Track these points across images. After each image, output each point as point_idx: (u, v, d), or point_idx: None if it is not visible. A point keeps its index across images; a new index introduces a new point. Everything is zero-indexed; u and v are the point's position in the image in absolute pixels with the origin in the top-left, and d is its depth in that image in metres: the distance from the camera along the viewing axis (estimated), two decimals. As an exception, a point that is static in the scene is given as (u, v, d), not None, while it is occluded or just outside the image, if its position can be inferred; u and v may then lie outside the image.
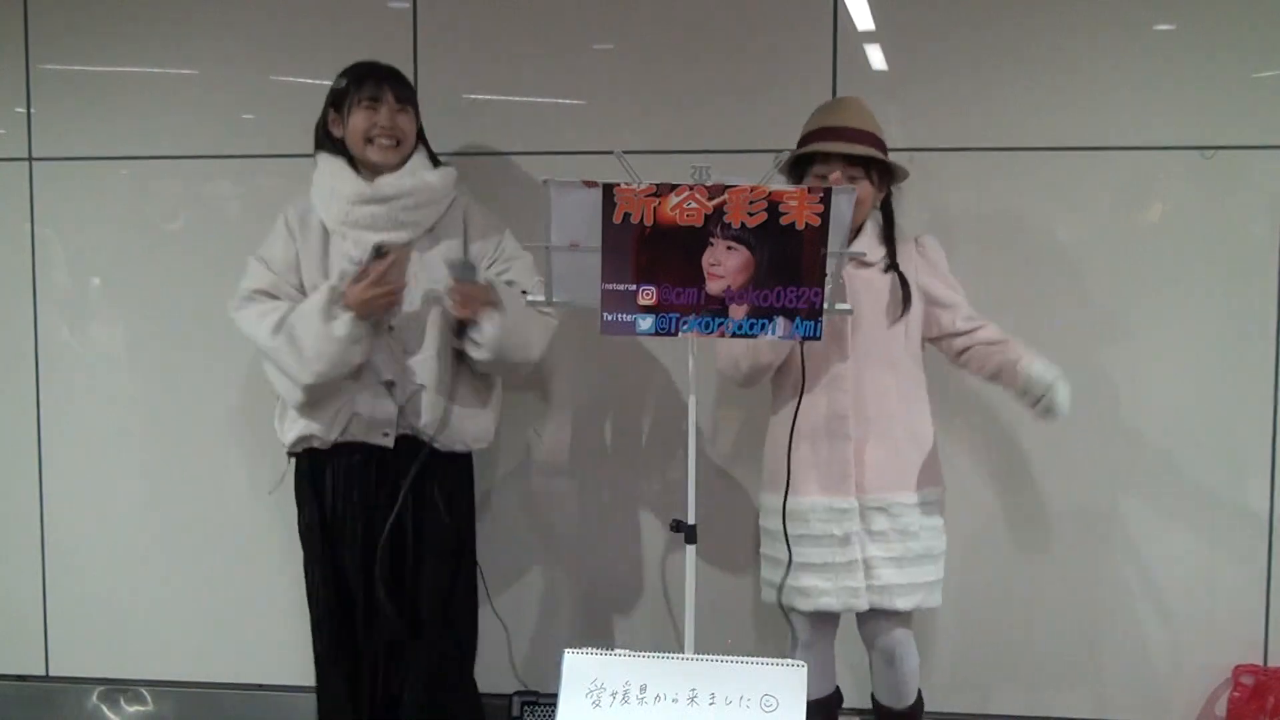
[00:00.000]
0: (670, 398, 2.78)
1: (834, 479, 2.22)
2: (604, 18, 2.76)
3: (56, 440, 2.98)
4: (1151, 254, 2.64)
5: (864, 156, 2.20)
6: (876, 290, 2.25)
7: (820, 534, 2.21)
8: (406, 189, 2.31)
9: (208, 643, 2.96)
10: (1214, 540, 2.67)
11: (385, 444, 2.35)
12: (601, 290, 1.92)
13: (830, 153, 2.20)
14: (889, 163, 2.25)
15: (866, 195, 2.22)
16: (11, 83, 2.91)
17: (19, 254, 2.95)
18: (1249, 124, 2.59)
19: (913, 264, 2.28)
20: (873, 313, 2.24)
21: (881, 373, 2.24)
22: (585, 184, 1.92)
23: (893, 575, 2.21)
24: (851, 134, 2.21)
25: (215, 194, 2.88)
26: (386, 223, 2.30)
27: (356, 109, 2.32)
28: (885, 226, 2.31)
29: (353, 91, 2.33)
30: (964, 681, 2.75)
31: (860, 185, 2.19)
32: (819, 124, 2.26)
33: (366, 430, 2.34)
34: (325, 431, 2.34)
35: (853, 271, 2.23)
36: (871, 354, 2.24)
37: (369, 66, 2.37)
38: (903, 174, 2.28)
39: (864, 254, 2.22)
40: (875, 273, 2.26)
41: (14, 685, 3.03)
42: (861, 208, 2.22)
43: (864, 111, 2.27)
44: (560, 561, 2.86)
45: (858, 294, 2.22)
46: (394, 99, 2.33)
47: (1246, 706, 2.60)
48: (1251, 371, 2.63)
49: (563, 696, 1.77)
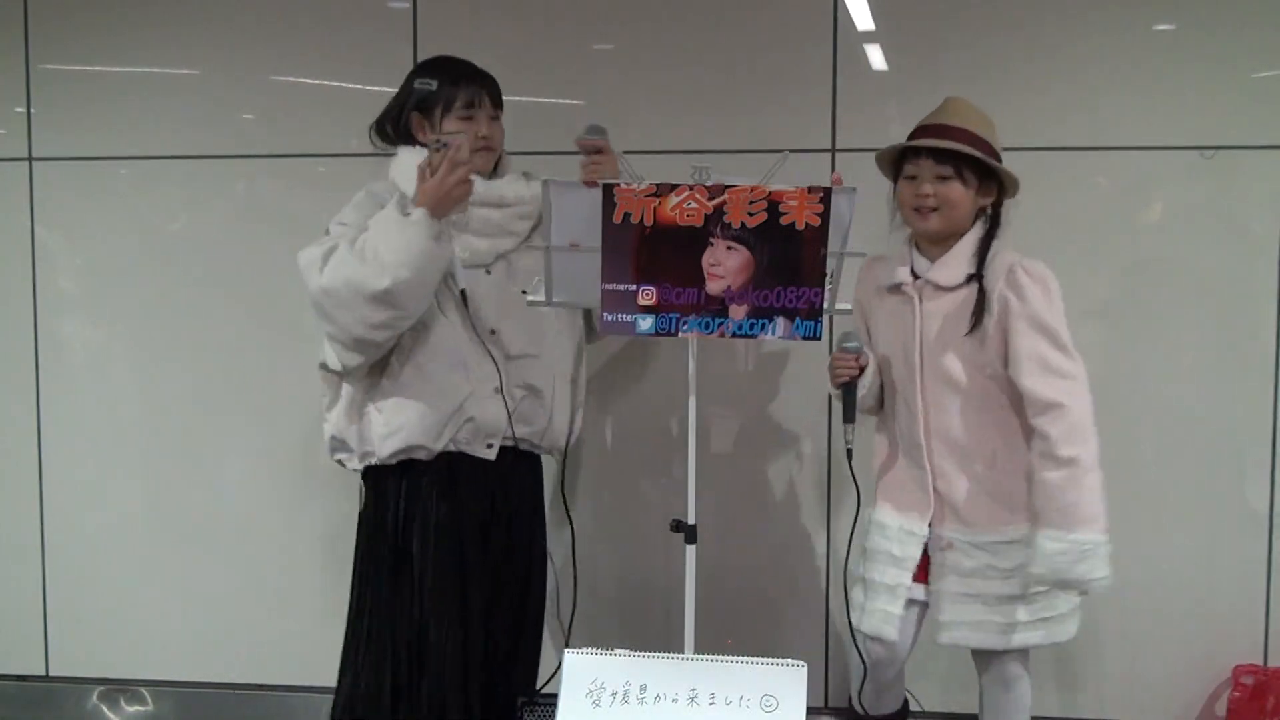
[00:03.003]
0: (670, 397, 2.78)
1: (912, 501, 2.14)
2: (604, 18, 2.76)
3: (56, 440, 2.98)
4: (1151, 254, 2.64)
5: (957, 156, 2.04)
6: (952, 313, 2.08)
7: (878, 550, 2.15)
8: (525, 196, 2.24)
9: (208, 643, 2.95)
10: (1214, 540, 2.67)
11: (488, 456, 2.22)
12: (601, 290, 1.92)
13: (919, 148, 2.07)
14: (989, 164, 2.06)
15: (960, 198, 2.06)
16: (11, 83, 2.91)
17: (19, 254, 2.95)
18: (1249, 124, 2.58)
19: (998, 284, 2.05)
20: (945, 337, 2.09)
21: (953, 399, 2.09)
22: (585, 184, 1.92)
23: (966, 612, 2.10)
24: (944, 131, 2.07)
25: (215, 194, 2.88)
26: (496, 228, 2.21)
27: (451, 118, 2.19)
28: (984, 237, 2.10)
29: (445, 96, 2.20)
30: (964, 681, 2.74)
31: (950, 186, 2.05)
32: (921, 123, 2.14)
33: (473, 439, 2.21)
34: (433, 440, 2.17)
35: (924, 296, 2.10)
36: (940, 379, 2.09)
37: (461, 68, 2.24)
38: (1012, 183, 2.10)
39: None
40: (955, 294, 2.08)
41: (14, 685, 3.03)
42: (955, 210, 2.06)
43: (966, 109, 2.12)
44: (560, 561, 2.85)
45: (927, 317, 2.10)
46: (490, 104, 2.23)
47: (1246, 706, 2.60)
48: (1251, 371, 2.63)
49: (563, 696, 1.77)
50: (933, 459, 2.12)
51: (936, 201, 2.06)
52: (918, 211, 2.08)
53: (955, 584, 2.10)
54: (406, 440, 2.17)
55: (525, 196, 2.26)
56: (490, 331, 2.22)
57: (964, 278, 2.08)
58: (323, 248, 2.09)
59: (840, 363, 2.12)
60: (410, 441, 2.18)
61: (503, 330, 2.23)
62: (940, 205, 2.06)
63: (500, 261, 2.27)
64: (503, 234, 2.25)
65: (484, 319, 2.22)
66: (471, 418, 2.20)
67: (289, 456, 2.88)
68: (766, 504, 2.77)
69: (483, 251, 2.23)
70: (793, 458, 2.76)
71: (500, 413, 2.23)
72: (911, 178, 2.09)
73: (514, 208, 2.24)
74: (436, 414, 2.17)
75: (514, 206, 2.24)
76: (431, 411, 2.16)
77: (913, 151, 2.08)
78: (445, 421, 2.18)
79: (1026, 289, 2.02)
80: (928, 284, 2.11)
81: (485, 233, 2.22)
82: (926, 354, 2.11)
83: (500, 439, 2.24)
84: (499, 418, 2.23)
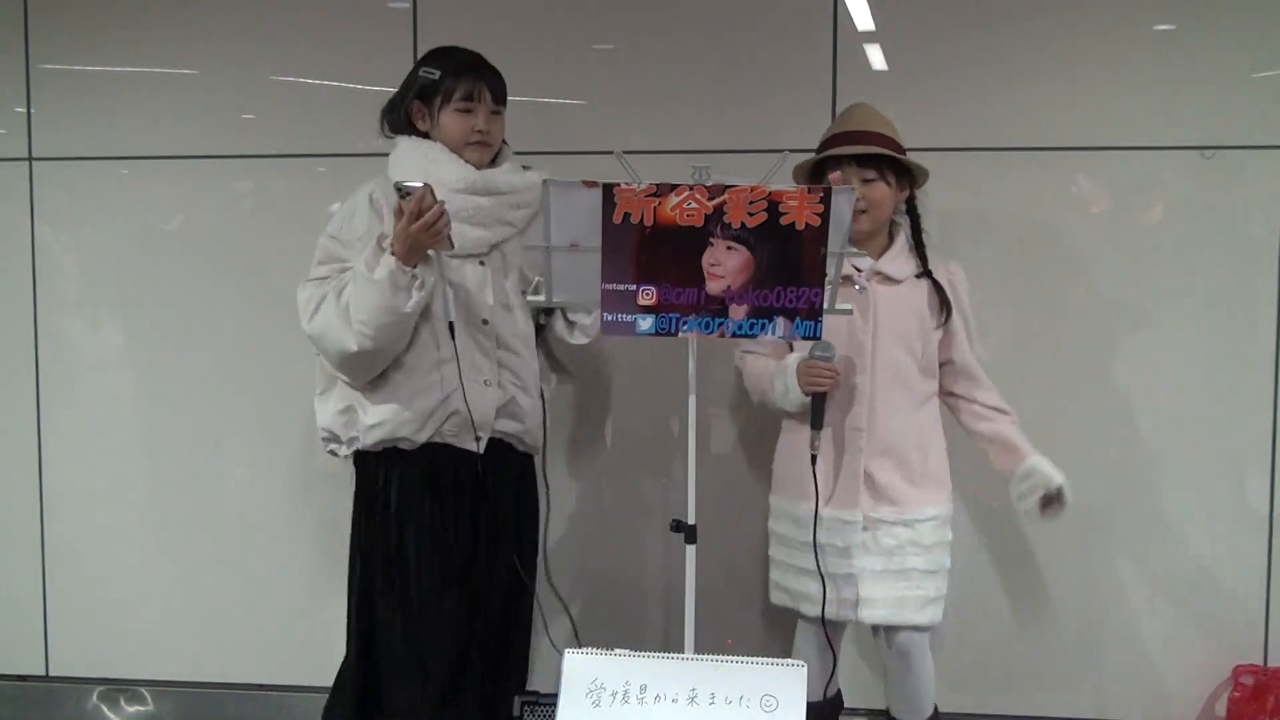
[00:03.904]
0: (670, 397, 2.78)
1: (842, 491, 2.22)
2: (604, 18, 2.76)
3: (56, 440, 2.98)
4: (1151, 254, 2.64)
5: (877, 158, 2.19)
6: (904, 303, 2.25)
7: (823, 543, 2.21)
8: (519, 185, 2.25)
9: (208, 643, 2.95)
10: (1214, 540, 2.67)
11: (474, 449, 2.23)
12: (601, 290, 1.92)
13: (840, 156, 2.20)
14: (905, 162, 2.23)
15: (884, 196, 2.22)
16: (11, 83, 2.91)
17: (19, 254, 2.95)
18: (1249, 124, 2.59)
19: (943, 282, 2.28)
20: (896, 327, 2.23)
21: (897, 389, 2.24)
22: (585, 184, 1.92)
23: (889, 589, 2.21)
24: (860, 136, 2.21)
25: (215, 194, 2.88)
26: (490, 217, 2.22)
27: (449, 109, 2.21)
28: (913, 231, 2.31)
29: (446, 87, 2.21)
30: (964, 681, 2.74)
31: (875, 187, 2.20)
32: (830, 132, 2.27)
33: (460, 431, 2.22)
34: (416, 432, 2.19)
35: (877, 287, 2.23)
36: (890, 369, 2.23)
37: (465, 60, 2.24)
38: (923, 174, 2.27)
39: (864, 254, 2.22)
40: (905, 286, 2.25)
41: (14, 685, 3.03)
42: (881, 209, 2.22)
43: (872, 114, 2.27)
44: (560, 561, 2.86)
45: (881, 309, 2.22)
46: (491, 99, 2.23)
47: (1246, 706, 2.60)
48: (1251, 371, 2.63)
49: (563, 696, 1.77)
50: (870, 444, 2.21)
51: (865, 204, 2.19)
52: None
53: (875, 562, 2.21)
54: (391, 431, 2.19)
55: (519, 186, 2.26)
56: (483, 322, 2.23)
57: (912, 272, 2.26)
58: (318, 291, 2.17)
59: (816, 370, 2.16)
60: (395, 433, 2.19)
61: (495, 322, 2.24)
62: (868, 207, 2.20)
63: (495, 252, 2.27)
64: (497, 223, 2.25)
65: (475, 311, 2.23)
66: (457, 410, 2.20)
67: (290, 456, 2.89)
68: (766, 504, 2.77)
69: (476, 241, 2.23)
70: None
71: (489, 405, 2.23)
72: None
73: (507, 196, 2.24)
74: (422, 405, 2.18)
75: (507, 195, 2.24)
76: (417, 403, 2.18)
77: (833, 160, 2.22)
78: (430, 413, 2.19)
79: (960, 284, 2.30)
80: (877, 275, 2.24)
81: (478, 221, 2.22)
82: (879, 342, 2.22)
83: (489, 431, 2.25)
84: (487, 410, 2.23)
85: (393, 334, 2.11)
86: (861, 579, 2.21)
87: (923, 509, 2.23)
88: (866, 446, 2.21)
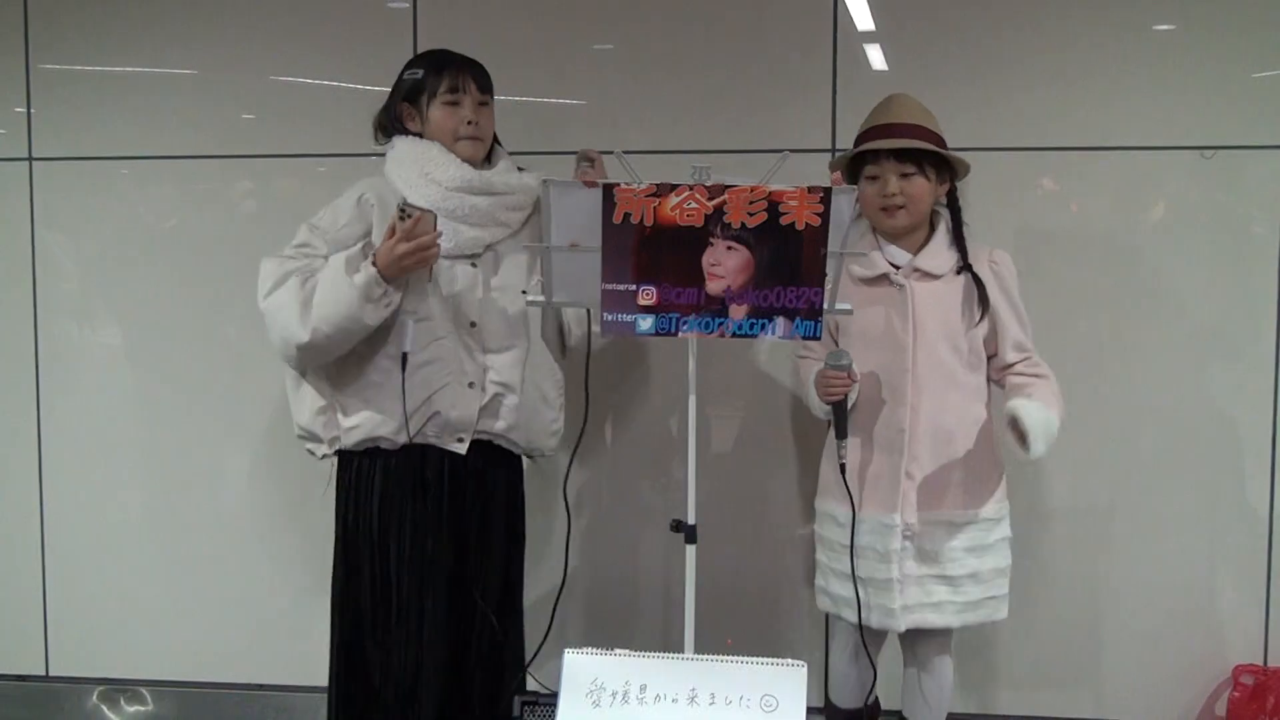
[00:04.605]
0: (670, 398, 2.78)
1: (883, 494, 2.18)
2: (604, 18, 2.76)
3: (56, 440, 2.98)
4: (1152, 254, 2.64)
5: (917, 151, 2.14)
6: (945, 298, 2.19)
7: (863, 545, 2.18)
8: (515, 186, 2.25)
9: (208, 643, 2.95)
10: (1214, 540, 2.67)
11: (458, 450, 2.23)
12: (601, 290, 1.92)
13: (880, 150, 2.15)
14: (946, 156, 2.18)
15: (923, 191, 2.17)
16: (11, 83, 2.91)
17: (19, 254, 2.95)
18: (1249, 124, 2.59)
19: (984, 275, 2.21)
20: (938, 323, 2.18)
21: (943, 386, 2.18)
22: (585, 184, 1.92)
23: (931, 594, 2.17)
24: (899, 129, 2.16)
25: (215, 194, 2.88)
26: (486, 217, 2.22)
27: (436, 104, 2.22)
28: (954, 226, 2.25)
29: (430, 84, 2.22)
30: (964, 682, 2.74)
31: (914, 181, 2.16)
32: (870, 124, 2.22)
33: (442, 433, 2.22)
34: (396, 432, 2.19)
35: (915, 284, 2.18)
36: (934, 367, 2.17)
37: (445, 56, 2.26)
38: (964, 168, 2.22)
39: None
40: (944, 281, 2.20)
41: (14, 685, 3.03)
42: (920, 204, 2.18)
43: (912, 105, 2.21)
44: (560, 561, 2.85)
45: (920, 307, 2.17)
46: (476, 90, 2.23)
47: (1246, 706, 2.60)
48: (1251, 371, 2.63)
49: (563, 696, 1.77)
50: (913, 446, 2.16)
51: (903, 199, 2.16)
52: (885, 210, 2.18)
53: (914, 567, 2.16)
54: (371, 432, 2.20)
55: (515, 186, 2.26)
56: (470, 324, 2.23)
57: (952, 267, 2.20)
58: (281, 269, 2.15)
59: (833, 380, 2.14)
60: (375, 433, 2.20)
61: (483, 324, 2.24)
62: (906, 202, 2.16)
63: (489, 253, 2.27)
64: (492, 223, 2.24)
65: (464, 312, 2.22)
66: (438, 411, 2.20)
67: (290, 456, 2.87)
68: (766, 504, 2.77)
69: (471, 240, 2.23)
70: (792, 457, 2.76)
71: (472, 407, 2.22)
72: (873, 178, 2.18)
73: (503, 197, 2.24)
74: (403, 406, 2.17)
75: (503, 196, 2.24)
76: (397, 404, 2.18)
77: (872, 153, 2.17)
78: (410, 414, 2.18)
79: (1006, 272, 2.23)
80: (915, 271, 2.19)
81: (474, 221, 2.22)
82: (920, 340, 2.17)
83: (471, 433, 2.24)
84: (469, 412, 2.22)
85: (345, 340, 2.12)
86: (904, 586, 2.16)
87: (966, 512, 2.17)
88: (909, 448, 2.16)
